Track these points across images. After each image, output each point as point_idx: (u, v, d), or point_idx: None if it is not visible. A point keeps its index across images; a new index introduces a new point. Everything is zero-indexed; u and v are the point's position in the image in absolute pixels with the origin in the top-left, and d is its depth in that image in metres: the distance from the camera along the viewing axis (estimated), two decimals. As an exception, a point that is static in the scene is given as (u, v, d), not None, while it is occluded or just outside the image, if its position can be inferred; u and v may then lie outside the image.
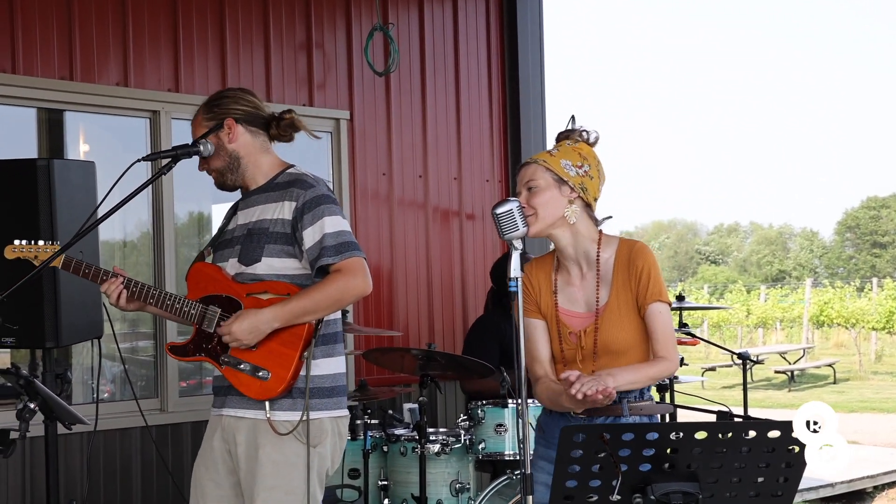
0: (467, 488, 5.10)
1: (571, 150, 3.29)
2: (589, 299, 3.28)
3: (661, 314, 3.24)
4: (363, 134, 6.60)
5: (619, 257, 3.27)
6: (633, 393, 3.25)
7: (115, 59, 5.65)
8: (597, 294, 3.27)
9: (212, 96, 3.64)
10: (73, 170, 4.42)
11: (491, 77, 7.28)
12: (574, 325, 3.28)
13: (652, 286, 3.23)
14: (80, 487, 5.20)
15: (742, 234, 69.96)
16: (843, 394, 19.14)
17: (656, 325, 3.23)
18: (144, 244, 5.97)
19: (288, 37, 6.32)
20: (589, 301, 3.28)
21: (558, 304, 3.32)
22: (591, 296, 3.28)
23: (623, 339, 3.23)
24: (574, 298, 3.30)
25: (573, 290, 3.31)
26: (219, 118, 3.53)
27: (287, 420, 3.38)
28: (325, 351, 3.47)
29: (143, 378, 5.99)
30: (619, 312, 3.24)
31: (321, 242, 3.37)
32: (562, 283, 3.34)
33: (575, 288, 3.31)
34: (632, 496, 2.53)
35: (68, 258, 3.52)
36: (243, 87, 3.67)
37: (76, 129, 5.82)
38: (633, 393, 3.25)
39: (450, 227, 6.99)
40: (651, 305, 3.22)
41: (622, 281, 3.25)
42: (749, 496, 2.55)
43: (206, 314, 3.45)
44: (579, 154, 3.29)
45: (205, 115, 3.56)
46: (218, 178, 3.57)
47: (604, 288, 3.26)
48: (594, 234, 3.31)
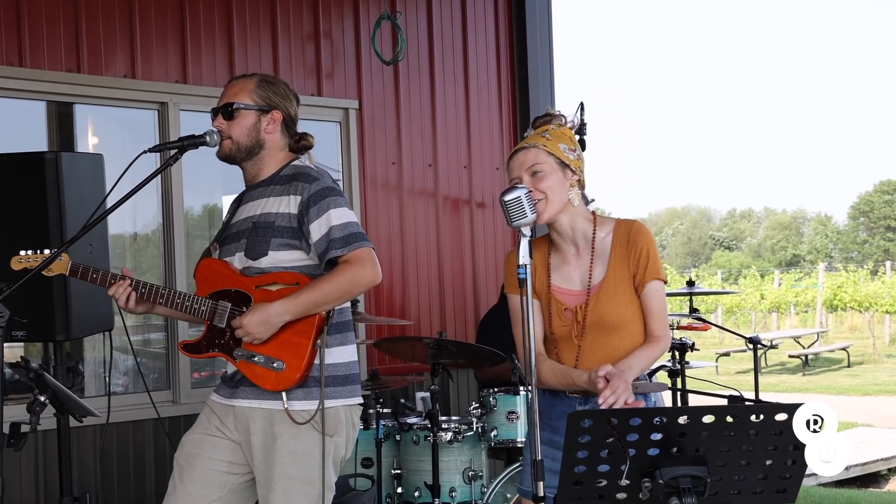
0: (480, 475, 5.11)
1: (561, 133, 3.32)
2: (584, 277, 3.32)
3: (657, 292, 3.29)
4: (372, 123, 6.60)
5: (618, 236, 3.31)
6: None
7: (123, 51, 5.65)
8: (590, 271, 3.30)
9: (271, 78, 3.61)
10: (81, 162, 4.42)
11: (500, 64, 7.26)
12: (569, 302, 3.32)
13: (651, 265, 3.27)
14: (93, 479, 5.22)
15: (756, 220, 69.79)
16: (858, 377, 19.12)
17: (653, 304, 3.28)
18: (156, 238, 5.98)
19: (295, 27, 6.32)
20: (584, 278, 3.32)
21: (552, 282, 3.34)
22: (586, 273, 3.32)
23: (618, 314, 3.27)
24: (569, 277, 3.34)
25: (569, 268, 3.35)
26: (270, 104, 3.53)
27: (304, 409, 3.38)
28: (338, 339, 3.47)
29: (156, 370, 6.01)
30: (616, 289, 3.27)
31: (328, 235, 3.36)
32: (557, 263, 3.37)
33: (570, 266, 3.35)
34: (641, 480, 2.52)
35: (75, 265, 3.51)
36: (295, 92, 3.67)
37: (85, 121, 5.83)
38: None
39: (460, 215, 6.99)
40: (649, 283, 3.27)
41: (620, 258, 3.28)
42: (758, 479, 2.54)
43: (216, 310, 3.45)
44: (570, 138, 3.33)
45: (258, 90, 3.53)
46: (231, 148, 3.52)
47: (599, 265, 3.30)
48: (589, 215, 3.36)
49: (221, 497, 3.47)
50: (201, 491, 3.45)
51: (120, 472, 5.49)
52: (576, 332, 3.30)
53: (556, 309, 3.33)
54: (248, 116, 3.51)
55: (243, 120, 3.50)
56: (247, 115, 3.51)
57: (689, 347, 5.58)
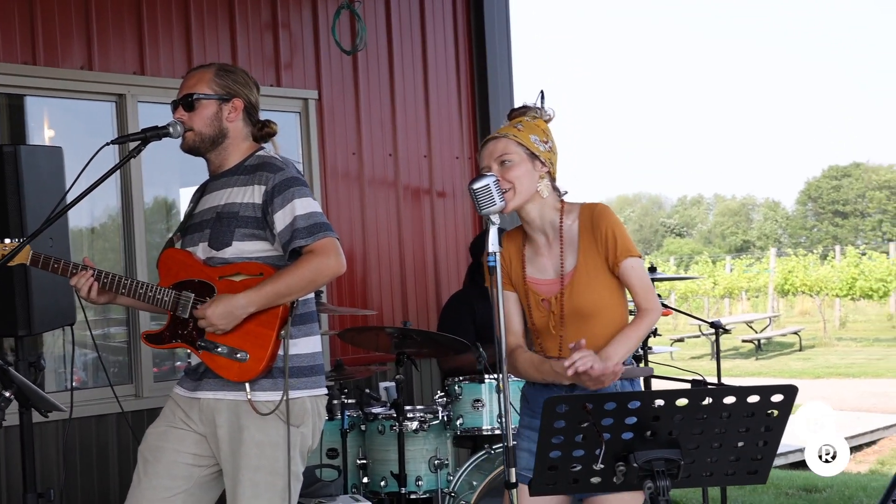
0: (446, 464, 5.12)
1: (535, 125, 3.34)
2: (557, 266, 3.34)
3: (634, 269, 3.29)
4: (332, 113, 6.58)
5: (583, 222, 3.32)
6: None
7: (79, 43, 5.59)
8: (562, 260, 3.31)
9: (229, 66, 3.60)
10: (40, 156, 4.37)
11: (458, 53, 7.26)
12: (544, 293, 3.33)
13: (620, 244, 3.27)
14: (56, 475, 5.17)
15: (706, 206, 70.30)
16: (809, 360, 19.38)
17: (633, 280, 3.29)
18: (113, 230, 5.93)
19: (254, 17, 6.28)
20: (557, 268, 3.34)
21: (526, 274, 3.36)
22: (558, 262, 3.33)
23: (592, 301, 3.28)
24: (543, 267, 3.36)
25: (542, 259, 3.36)
26: (230, 93, 3.52)
27: (268, 400, 3.37)
28: (303, 330, 3.46)
29: (116, 364, 5.96)
30: (588, 275, 3.28)
31: (293, 225, 3.35)
32: (530, 254, 3.39)
33: (543, 257, 3.36)
34: (615, 464, 2.55)
35: (36, 255, 3.47)
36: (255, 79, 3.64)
37: (40, 114, 5.76)
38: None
39: (421, 204, 6.99)
40: (624, 262, 3.28)
41: (588, 244, 3.29)
42: (729, 461, 2.57)
43: (179, 300, 3.43)
44: (543, 130, 3.34)
45: (217, 79, 3.52)
46: (194, 139, 3.50)
47: (570, 253, 3.31)
48: (558, 204, 3.37)
49: (187, 490, 3.46)
50: (166, 483, 3.43)
51: (83, 467, 5.44)
52: (553, 322, 3.31)
53: (535, 301, 3.34)
54: (208, 106, 3.49)
55: (204, 110, 3.49)
56: (207, 105, 3.49)
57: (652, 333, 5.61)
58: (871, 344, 21.77)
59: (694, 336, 21.01)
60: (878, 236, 50.31)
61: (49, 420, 4.42)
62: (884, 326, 24.52)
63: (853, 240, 49.39)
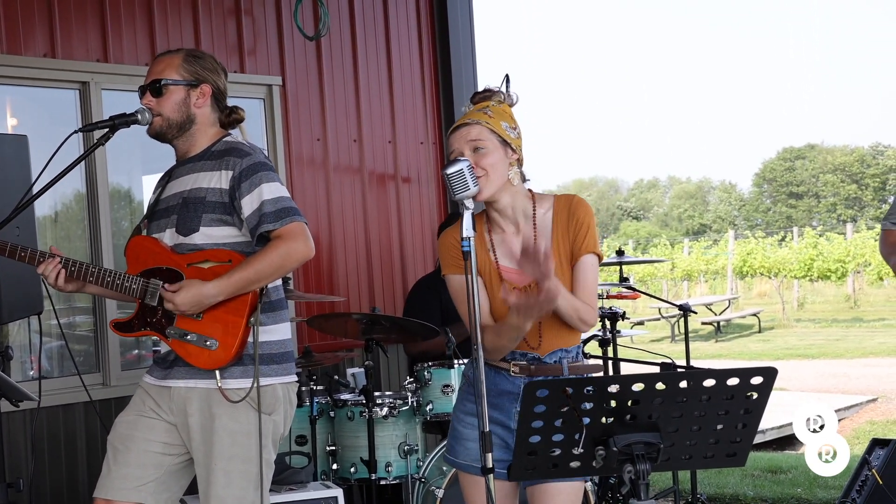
0: (416, 450, 5.14)
1: (502, 111, 3.31)
2: None
3: (592, 266, 3.29)
4: (296, 99, 6.55)
5: (558, 210, 3.32)
6: (570, 353, 3.32)
7: (42, 30, 5.52)
8: None
9: (198, 52, 3.59)
10: (5, 144, 4.32)
11: (421, 39, 7.25)
12: (518, 281, 3.31)
13: (590, 237, 3.28)
14: (25, 465, 5.13)
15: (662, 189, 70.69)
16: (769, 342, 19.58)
17: (586, 276, 3.28)
18: (77, 217, 5.87)
19: (216, 3, 6.23)
20: None
21: (499, 262, 3.34)
22: None
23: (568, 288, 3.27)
24: (513, 255, 3.33)
25: (511, 247, 3.34)
26: (198, 78, 3.50)
27: (239, 388, 3.36)
28: (273, 318, 3.45)
29: (82, 353, 5.92)
30: (560, 265, 3.28)
31: (260, 209, 3.34)
32: (497, 241, 3.36)
33: (513, 245, 3.34)
34: (595, 448, 2.56)
35: (2, 243, 3.44)
36: (222, 65, 3.63)
37: (2, 102, 5.69)
38: (570, 353, 3.32)
39: (386, 190, 6.98)
40: (584, 256, 3.28)
41: (562, 233, 3.29)
42: (709, 444, 2.60)
43: (148, 288, 3.41)
44: (510, 116, 3.33)
45: (185, 65, 3.51)
46: (162, 125, 3.49)
47: (542, 242, 3.30)
48: (527, 192, 3.36)
49: (157, 478, 3.44)
50: (136, 472, 3.42)
51: (52, 457, 5.40)
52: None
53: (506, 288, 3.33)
54: (176, 92, 3.48)
55: (172, 96, 3.47)
56: (175, 91, 3.48)
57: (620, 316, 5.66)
58: (830, 325, 22.03)
59: (654, 319, 21.16)
60: (832, 218, 50.82)
61: (17, 409, 4.38)
62: (842, 307, 24.82)
63: (808, 221, 49.87)
